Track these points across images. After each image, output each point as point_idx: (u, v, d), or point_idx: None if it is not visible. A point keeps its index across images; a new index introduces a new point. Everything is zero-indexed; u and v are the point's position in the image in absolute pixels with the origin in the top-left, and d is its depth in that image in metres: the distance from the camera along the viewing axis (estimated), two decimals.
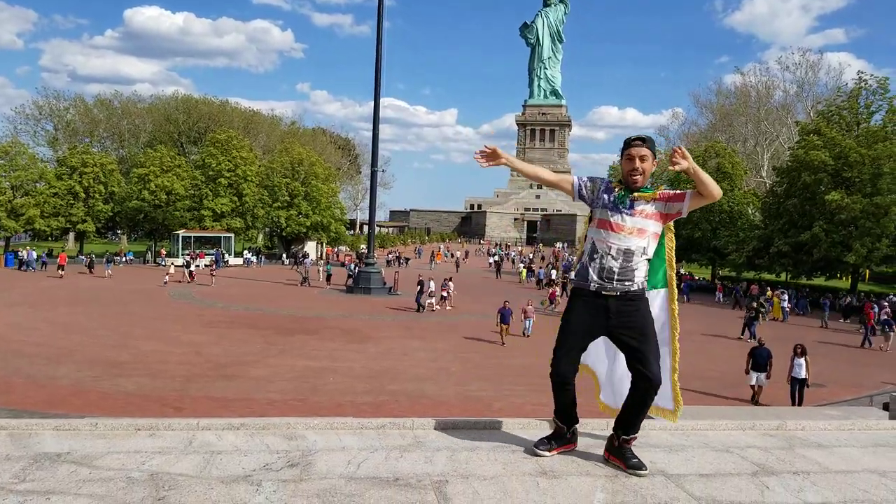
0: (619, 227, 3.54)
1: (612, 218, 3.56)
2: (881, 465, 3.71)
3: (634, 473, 3.36)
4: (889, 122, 43.76)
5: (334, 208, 65.61)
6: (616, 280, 3.52)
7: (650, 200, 3.59)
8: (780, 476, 3.44)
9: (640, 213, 3.56)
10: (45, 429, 3.77)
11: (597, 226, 3.64)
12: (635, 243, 3.54)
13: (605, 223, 3.58)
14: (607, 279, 3.52)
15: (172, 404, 13.73)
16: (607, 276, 3.52)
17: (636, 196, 3.58)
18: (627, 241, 3.53)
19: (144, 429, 3.84)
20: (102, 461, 3.28)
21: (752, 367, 16.16)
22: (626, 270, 3.53)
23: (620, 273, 3.52)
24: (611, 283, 3.51)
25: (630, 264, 3.53)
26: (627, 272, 3.53)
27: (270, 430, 3.92)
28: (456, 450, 3.68)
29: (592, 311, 3.55)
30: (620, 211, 3.55)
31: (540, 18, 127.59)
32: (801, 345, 16.01)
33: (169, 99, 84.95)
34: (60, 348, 19.17)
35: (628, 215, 3.55)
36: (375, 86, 37.55)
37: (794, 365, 15.71)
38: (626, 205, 3.56)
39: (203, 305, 30.05)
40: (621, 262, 3.52)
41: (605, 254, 3.54)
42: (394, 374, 17.42)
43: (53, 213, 54.65)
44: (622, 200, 3.57)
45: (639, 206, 3.56)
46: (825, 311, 33.98)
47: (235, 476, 3.14)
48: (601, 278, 3.53)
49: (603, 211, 3.60)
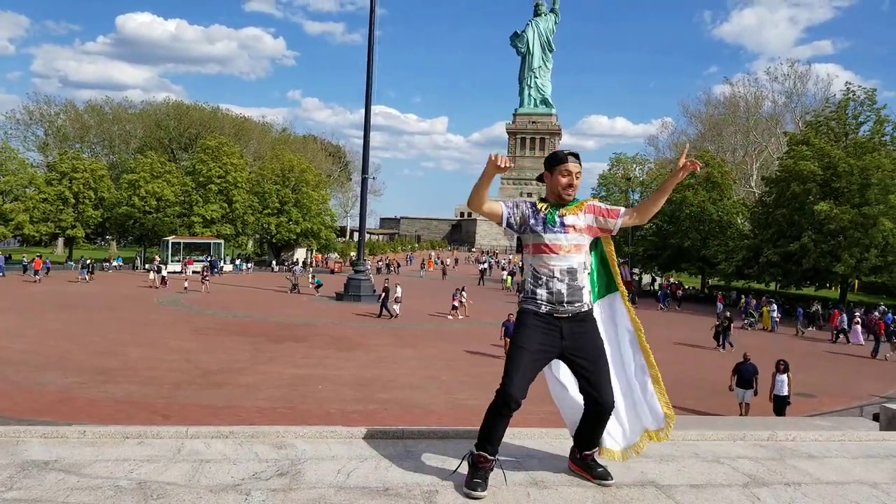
0: (557, 247, 3.44)
1: (548, 240, 3.45)
2: (872, 477, 3.72)
3: (601, 483, 3.35)
4: (877, 133, 44.24)
5: (324, 215, 65.56)
6: (566, 302, 3.41)
7: (578, 213, 3.52)
8: (772, 487, 3.44)
9: (573, 227, 3.48)
10: (33, 436, 3.73)
11: (533, 251, 3.51)
12: (576, 260, 3.46)
13: (541, 247, 3.46)
14: (557, 302, 3.41)
15: (161, 412, 13.61)
16: (557, 299, 3.41)
17: (564, 212, 3.50)
18: (568, 259, 3.43)
19: (133, 437, 3.80)
20: (90, 469, 3.25)
21: (737, 383, 15.37)
22: (574, 290, 3.43)
23: (569, 294, 3.42)
24: (562, 306, 3.41)
25: (576, 283, 3.44)
26: (575, 292, 3.44)
27: (260, 438, 3.89)
28: (446, 459, 3.66)
29: (546, 331, 3.40)
30: (553, 231, 3.45)
31: (530, 28, 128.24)
32: (783, 361, 15.22)
33: (160, 105, 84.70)
34: (48, 355, 18.99)
35: (562, 233, 3.45)
36: (366, 93, 37.59)
37: (777, 382, 14.88)
38: (556, 223, 3.46)
39: (192, 312, 29.87)
40: (568, 283, 3.43)
41: (549, 278, 3.43)
42: (384, 382, 17.35)
43: (43, 218, 54.22)
44: (552, 220, 3.47)
45: (570, 221, 3.48)
46: (798, 319, 34.47)
47: (224, 485, 3.12)
48: (551, 302, 3.41)
49: (535, 235, 3.48)
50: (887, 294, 50.95)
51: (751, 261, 45.66)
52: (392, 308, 30.59)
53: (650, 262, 56.70)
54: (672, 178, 3.59)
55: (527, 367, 3.34)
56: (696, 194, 51.39)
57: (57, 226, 55.22)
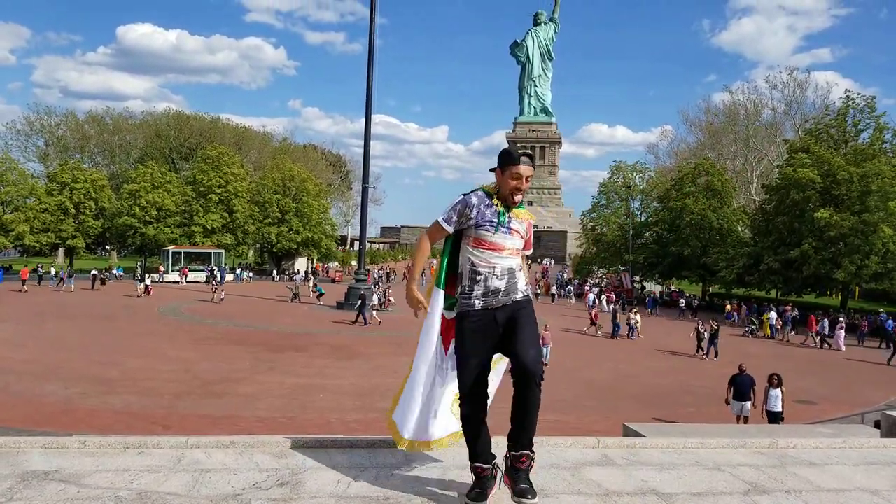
0: (501, 246, 3.44)
1: (494, 238, 3.44)
2: (873, 484, 3.71)
3: (518, 502, 3.10)
4: (876, 141, 44.30)
5: (325, 224, 65.58)
6: (502, 296, 3.43)
7: (523, 221, 3.53)
8: (773, 495, 3.44)
9: (518, 233, 3.50)
10: (33, 447, 3.73)
11: (473, 244, 3.48)
12: (515, 262, 3.50)
13: (483, 242, 3.44)
14: (493, 296, 3.42)
15: (161, 422, 13.59)
16: (492, 294, 3.42)
17: (513, 214, 3.49)
18: (509, 260, 3.46)
19: (133, 447, 3.80)
20: (91, 479, 3.25)
21: (733, 396, 14.75)
22: (511, 286, 3.45)
23: (506, 290, 3.44)
24: (496, 299, 3.42)
25: (514, 280, 3.46)
26: (512, 287, 3.45)
27: (260, 448, 3.89)
28: (447, 468, 3.66)
29: (482, 325, 3.41)
30: (501, 230, 3.45)
31: (530, 37, 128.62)
32: (776, 375, 14.54)
33: (160, 115, 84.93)
34: (48, 365, 18.98)
35: (508, 235, 3.46)
36: (367, 103, 37.69)
37: (770, 397, 14.24)
38: (505, 223, 3.46)
39: (192, 322, 29.86)
40: (507, 281, 3.44)
41: (488, 274, 3.43)
42: (384, 390, 17.29)
43: (43, 228, 54.31)
44: (502, 218, 3.46)
45: (515, 226, 3.49)
46: (787, 326, 34.66)
47: (225, 495, 3.11)
48: (486, 296, 3.42)
49: (482, 230, 3.45)
50: (888, 301, 50.87)
51: (751, 268, 45.65)
52: (367, 315, 30.58)
53: (651, 270, 56.66)
54: None
55: (476, 367, 3.38)
56: (697, 202, 51.43)
57: (57, 236, 55.29)
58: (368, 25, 37.38)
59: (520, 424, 3.30)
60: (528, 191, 3.73)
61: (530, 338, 3.34)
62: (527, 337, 3.33)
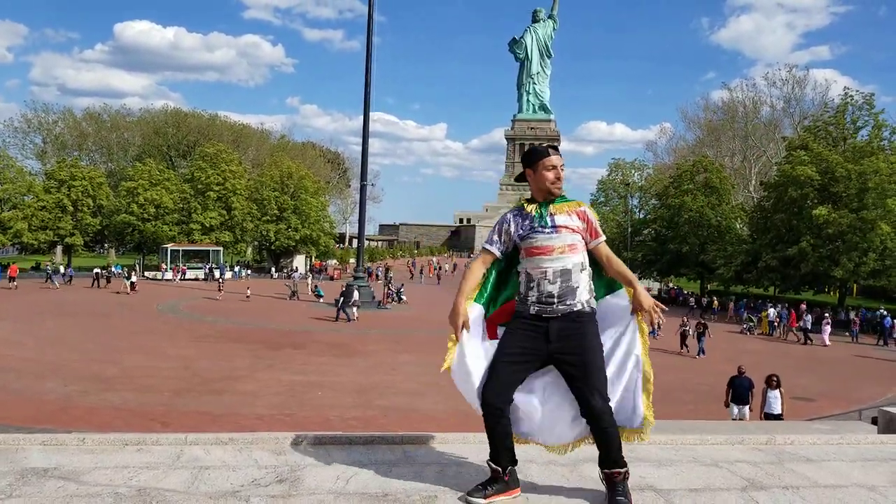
0: (549, 248, 3.27)
1: (539, 241, 3.29)
2: (870, 480, 3.72)
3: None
4: (875, 138, 44.36)
5: (323, 222, 65.58)
6: (557, 302, 3.25)
7: (570, 213, 3.35)
8: (770, 491, 3.45)
9: (566, 227, 3.30)
10: (32, 444, 3.73)
11: (525, 254, 3.35)
12: (570, 261, 3.28)
13: (532, 250, 3.31)
14: (547, 303, 3.25)
15: (160, 419, 13.60)
16: (546, 299, 3.25)
17: (554, 210, 3.34)
18: (562, 260, 3.27)
19: (132, 444, 3.81)
20: (90, 476, 3.25)
21: (732, 399, 14.27)
22: (567, 290, 3.26)
23: (561, 295, 3.25)
24: (551, 306, 3.25)
25: (570, 283, 3.26)
26: (568, 292, 3.26)
27: (259, 444, 3.89)
28: (445, 465, 3.67)
29: (532, 334, 3.26)
30: (544, 231, 3.30)
31: (529, 34, 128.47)
32: (775, 376, 14.16)
33: (158, 112, 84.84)
34: (47, 363, 18.98)
35: (554, 234, 3.29)
36: (365, 100, 37.68)
37: (769, 398, 13.79)
38: (547, 224, 3.31)
39: (191, 319, 29.86)
40: (560, 284, 3.26)
41: (541, 280, 3.27)
42: (382, 388, 17.34)
43: (41, 226, 54.23)
44: (542, 220, 3.32)
45: (561, 221, 3.31)
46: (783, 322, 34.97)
47: (224, 492, 3.12)
48: (540, 302, 3.26)
49: (526, 240, 3.33)
50: (886, 298, 50.96)
51: (749, 266, 45.71)
52: (349, 312, 30.64)
53: (649, 267, 56.72)
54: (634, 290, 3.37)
55: (505, 373, 3.24)
56: (695, 199, 51.48)
57: (55, 234, 55.21)
58: (367, 23, 37.38)
59: (603, 449, 3.22)
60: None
61: (596, 378, 3.20)
62: (592, 378, 3.19)
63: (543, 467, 3.69)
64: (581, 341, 3.23)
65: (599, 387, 3.19)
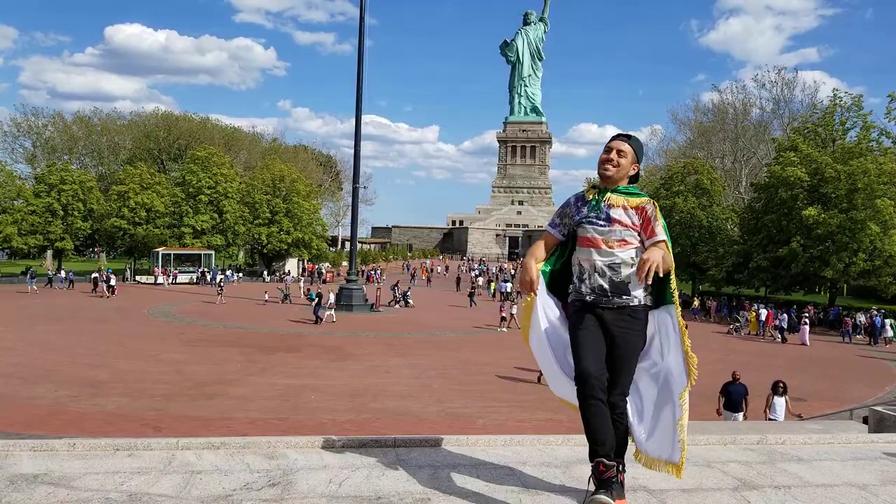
0: (599, 241, 3.22)
1: (590, 233, 3.24)
2: (861, 479, 3.74)
3: None
4: (863, 139, 44.64)
5: (316, 225, 65.44)
6: (611, 294, 3.20)
7: (629, 208, 3.23)
8: (762, 490, 3.46)
9: (618, 222, 3.21)
10: (22, 449, 3.70)
11: (579, 244, 3.32)
12: (621, 256, 3.20)
13: (584, 240, 3.27)
14: (601, 294, 3.20)
15: (152, 424, 13.53)
16: (599, 291, 3.21)
17: (610, 200, 3.25)
18: (611, 255, 3.20)
19: (123, 449, 3.78)
20: (80, 482, 3.23)
21: (724, 406, 13.64)
22: (620, 285, 3.19)
23: (613, 289, 3.19)
24: (606, 298, 3.20)
25: (621, 277, 3.19)
26: (621, 286, 3.19)
27: (251, 448, 3.88)
28: (438, 467, 3.66)
29: (593, 317, 3.22)
30: (597, 223, 3.23)
31: (520, 36, 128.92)
32: (782, 382, 13.56)
33: (149, 116, 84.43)
34: (37, 367, 18.85)
35: (607, 226, 3.21)
36: (357, 103, 37.66)
37: (774, 405, 13.13)
38: (601, 213, 3.24)
39: (183, 323, 29.72)
40: (610, 278, 3.19)
41: (590, 272, 3.23)
42: (376, 391, 17.31)
43: (31, 230, 53.92)
44: (597, 207, 3.26)
45: (616, 215, 3.21)
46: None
47: (215, 496, 3.11)
48: (594, 292, 3.22)
49: (581, 227, 3.28)
50: (876, 298, 51.29)
51: (741, 266, 45.93)
52: (325, 314, 30.72)
53: None
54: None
55: (591, 342, 3.15)
56: (686, 201, 51.69)
57: (45, 238, 54.90)
58: (358, 26, 37.37)
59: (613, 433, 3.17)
60: (519, 190, 3.66)
61: (625, 378, 3.21)
62: (622, 377, 3.19)
63: (537, 469, 3.69)
64: (626, 336, 3.19)
65: (622, 386, 3.21)
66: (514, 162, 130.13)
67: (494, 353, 23.51)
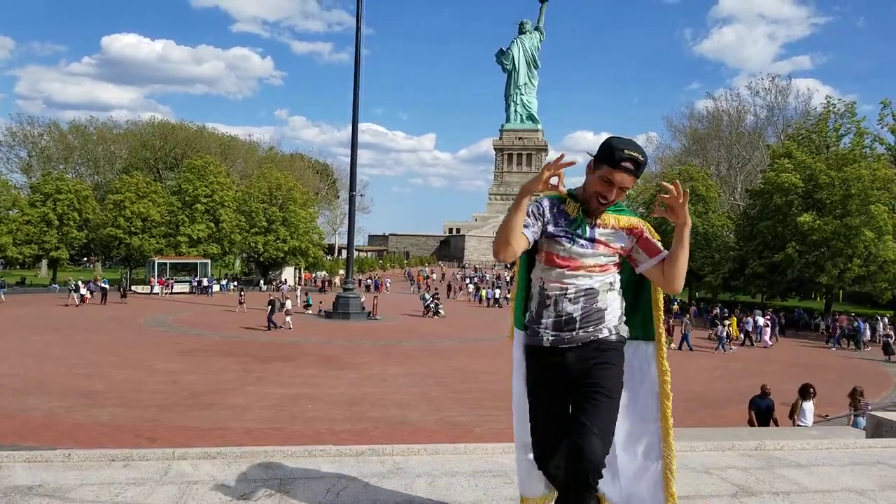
0: (576, 264, 2.70)
1: (566, 251, 2.71)
2: (859, 484, 3.74)
3: None
4: (857, 145, 44.92)
5: (312, 233, 65.41)
6: (579, 328, 2.68)
7: (618, 228, 2.80)
8: (760, 496, 3.45)
9: (604, 244, 2.75)
10: (17, 461, 3.68)
11: (545, 261, 2.76)
12: (598, 280, 2.73)
13: (555, 258, 2.72)
14: (566, 328, 2.68)
15: (147, 434, 13.45)
16: (566, 324, 2.69)
17: (598, 221, 2.76)
18: (589, 278, 2.71)
19: (118, 459, 3.76)
20: (75, 493, 3.21)
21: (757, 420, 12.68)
22: (591, 313, 2.70)
23: (584, 318, 2.69)
24: (571, 334, 2.68)
25: (595, 304, 2.71)
26: (593, 314, 2.70)
27: (248, 458, 3.86)
28: (436, 476, 3.65)
29: (550, 372, 2.71)
30: (578, 242, 2.72)
31: (516, 45, 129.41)
32: (811, 386, 12.52)
33: (145, 125, 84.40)
34: (31, 378, 18.74)
35: (589, 248, 2.72)
36: (353, 111, 37.72)
37: (803, 410, 12.32)
38: (585, 233, 2.73)
39: (179, 333, 29.62)
40: (583, 304, 2.69)
41: (559, 297, 2.70)
42: (373, 400, 17.25)
43: (26, 240, 53.78)
44: (581, 228, 2.73)
45: (602, 236, 2.75)
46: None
47: None
48: (558, 329, 2.69)
49: (553, 242, 2.73)
50: (871, 304, 51.45)
51: (737, 273, 46.06)
52: (284, 320, 30.73)
53: None
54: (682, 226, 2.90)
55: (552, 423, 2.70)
56: None
57: (41, 247, 54.77)
58: (355, 35, 37.47)
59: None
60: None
61: (600, 421, 2.56)
62: (595, 418, 2.56)
63: None
64: (604, 373, 2.65)
65: (604, 434, 2.58)
66: (511, 169, 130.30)
67: (492, 360, 23.46)
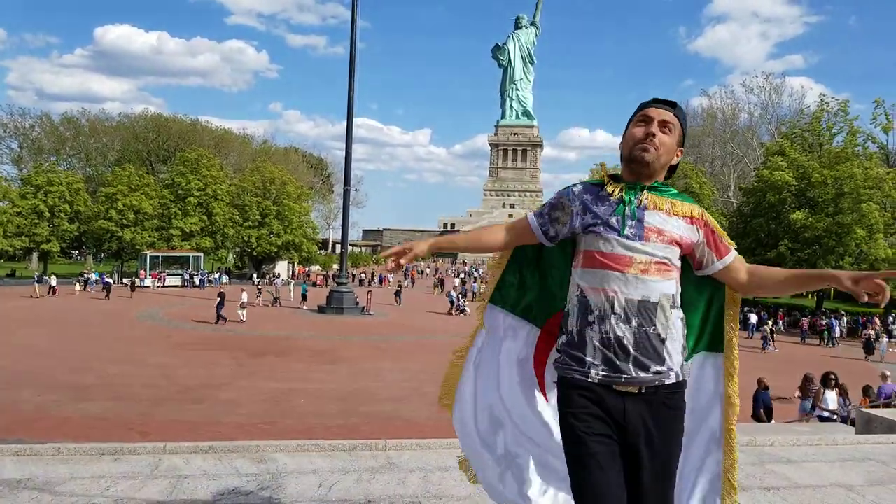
0: (625, 260, 2.03)
1: (611, 245, 2.06)
2: (848, 480, 3.76)
3: None
4: (850, 144, 45.13)
5: (306, 227, 65.27)
6: (633, 364, 2.00)
7: (674, 214, 2.14)
8: (751, 492, 3.47)
9: (658, 232, 2.09)
10: (5, 455, 3.66)
11: (583, 264, 2.12)
12: (657, 288, 2.04)
13: (596, 257, 2.08)
14: (618, 360, 2.00)
15: (138, 429, 13.40)
16: (617, 355, 2.01)
17: (648, 200, 2.12)
18: (644, 285, 2.02)
19: (109, 453, 3.74)
20: (65, 487, 3.19)
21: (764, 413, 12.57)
22: (648, 342, 2.01)
23: (639, 348, 2.01)
24: (626, 372, 2.00)
25: (654, 328, 2.02)
26: (651, 345, 2.01)
27: (240, 453, 3.85)
28: (429, 471, 3.65)
29: (603, 416, 2.02)
30: (625, 226, 2.07)
31: (511, 41, 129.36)
32: (833, 374, 12.10)
33: (138, 117, 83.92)
34: (21, 371, 18.65)
35: (638, 238, 2.06)
36: (348, 106, 37.61)
37: (826, 399, 11.99)
38: (633, 217, 2.08)
39: (171, 326, 29.54)
40: (637, 326, 2.01)
41: (605, 314, 2.03)
42: (366, 395, 17.25)
43: (17, 232, 53.43)
44: (629, 210, 2.09)
45: (654, 221, 2.10)
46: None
47: (203, 501, 3.08)
48: (607, 361, 2.02)
49: (593, 236, 2.09)
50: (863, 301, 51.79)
51: None
52: (238, 313, 30.77)
53: None
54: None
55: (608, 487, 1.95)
56: None
57: (31, 240, 54.45)
58: (350, 29, 37.34)
59: None
60: (510, 193, 3.22)
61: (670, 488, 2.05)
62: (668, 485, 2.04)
63: None
64: (669, 443, 2.05)
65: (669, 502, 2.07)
66: (506, 165, 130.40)
67: None
